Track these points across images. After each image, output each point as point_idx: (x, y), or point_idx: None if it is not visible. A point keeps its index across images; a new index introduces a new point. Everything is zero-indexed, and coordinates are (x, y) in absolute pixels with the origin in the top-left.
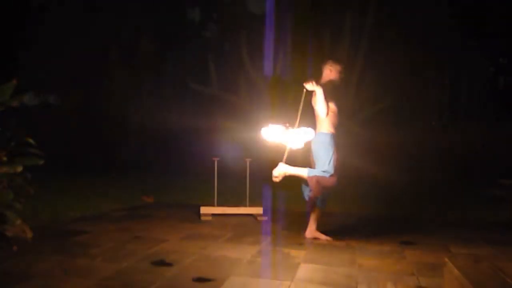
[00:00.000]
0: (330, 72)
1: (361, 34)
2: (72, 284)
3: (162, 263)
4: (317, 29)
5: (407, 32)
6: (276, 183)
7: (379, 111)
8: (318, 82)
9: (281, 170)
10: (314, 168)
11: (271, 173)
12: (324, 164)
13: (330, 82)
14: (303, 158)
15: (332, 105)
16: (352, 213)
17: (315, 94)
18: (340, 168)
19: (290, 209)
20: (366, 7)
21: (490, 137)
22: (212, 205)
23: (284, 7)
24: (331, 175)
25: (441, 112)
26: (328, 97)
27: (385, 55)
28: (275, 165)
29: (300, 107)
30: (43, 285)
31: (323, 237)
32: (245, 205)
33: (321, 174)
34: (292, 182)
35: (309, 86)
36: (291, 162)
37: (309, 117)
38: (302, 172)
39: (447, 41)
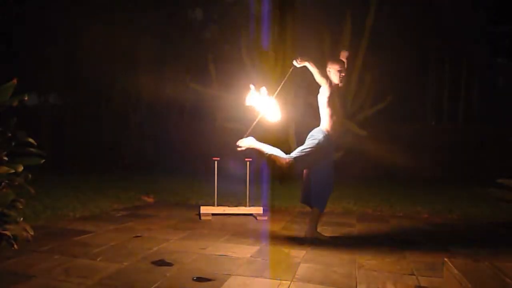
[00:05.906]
0: (329, 73)
1: (361, 34)
2: (73, 284)
3: (162, 263)
4: (317, 29)
5: (407, 32)
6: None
7: (379, 111)
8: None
9: (246, 143)
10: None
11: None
12: (298, 149)
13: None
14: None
15: (335, 103)
16: (352, 212)
17: (320, 87)
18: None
19: (290, 208)
20: (367, 6)
21: (489, 136)
22: (212, 205)
23: (284, 7)
24: (290, 158)
25: (440, 112)
26: (332, 96)
27: (385, 55)
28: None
29: (284, 80)
30: (43, 285)
31: (322, 236)
32: (245, 205)
33: (285, 155)
34: (292, 182)
35: (297, 63)
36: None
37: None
38: (265, 149)
39: (447, 41)
